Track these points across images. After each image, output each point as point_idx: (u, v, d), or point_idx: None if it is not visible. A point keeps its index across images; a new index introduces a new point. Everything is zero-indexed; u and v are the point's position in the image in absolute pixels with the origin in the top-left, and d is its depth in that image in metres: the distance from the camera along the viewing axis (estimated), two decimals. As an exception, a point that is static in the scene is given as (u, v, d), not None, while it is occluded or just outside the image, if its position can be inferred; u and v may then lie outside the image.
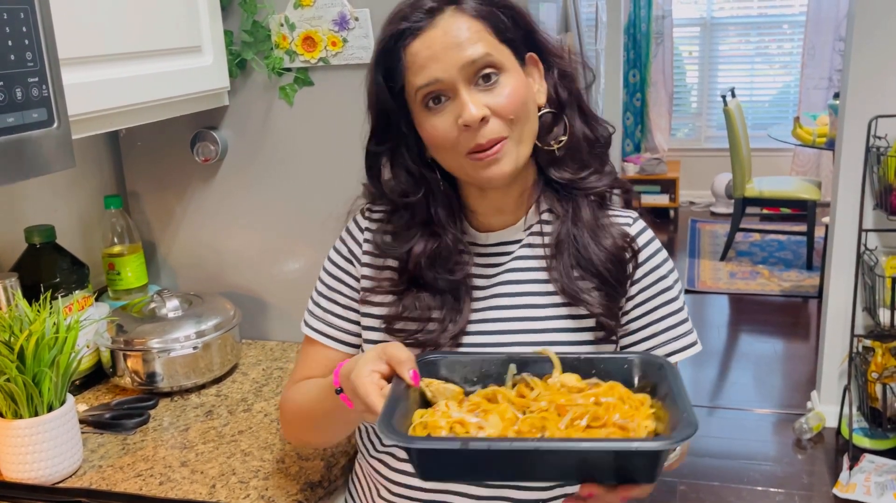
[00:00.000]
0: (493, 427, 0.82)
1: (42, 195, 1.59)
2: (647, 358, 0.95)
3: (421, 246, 1.04)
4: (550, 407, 0.85)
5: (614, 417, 0.83)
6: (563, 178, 1.05)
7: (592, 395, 0.87)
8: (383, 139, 1.04)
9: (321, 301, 1.15)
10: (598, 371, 0.94)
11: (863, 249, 2.86)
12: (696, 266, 5.21)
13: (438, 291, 1.05)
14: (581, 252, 1.03)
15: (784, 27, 6.46)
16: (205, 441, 1.32)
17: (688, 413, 0.80)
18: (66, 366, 1.20)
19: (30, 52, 0.96)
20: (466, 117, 0.95)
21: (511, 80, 0.98)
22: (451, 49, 0.95)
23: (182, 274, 1.75)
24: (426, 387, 0.91)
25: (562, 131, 1.04)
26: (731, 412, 3.44)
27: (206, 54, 1.47)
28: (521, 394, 0.91)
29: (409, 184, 1.04)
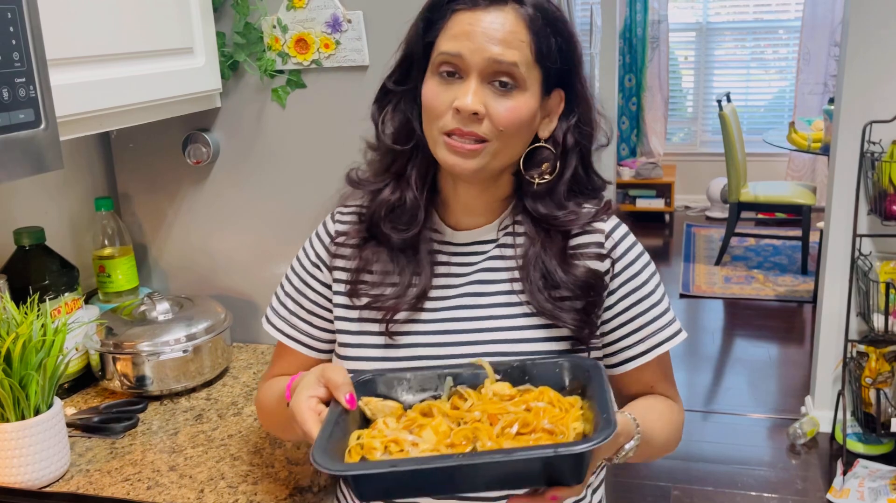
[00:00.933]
0: (427, 442, 0.86)
1: (32, 196, 1.58)
2: (576, 361, 0.98)
3: (386, 194, 1.06)
4: (483, 416, 0.89)
5: (543, 422, 0.87)
6: (537, 212, 1.05)
7: (523, 402, 0.91)
8: (400, 81, 1.06)
9: (287, 302, 1.16)
10: (531, 377, 0.97)
11: (857, 254, 2.86)
12: (691, 270, 5.21)
13: (394, 251, 1.07)
14: (551, 275, 1.04)
15: (779, 32, 6.47)
16: (194, 445, 1.31)
17: (607, 414, 0.83)
18: (54, 369, 1.19)
19: (17, 52, 0.95)
20: (462, 103, 0.96)
21: (522, 99, 0.98)
22: (489, 40, 0.96)
23: (173, 276, 1.74)
24: (364, 406, 0.94)
25: (549, 170, 1.04)
26: (726, 417, 3.44)
27: (197, 56, 1.46)
28: (456, 405, 0.94)
29: (402, 132, 1.06)
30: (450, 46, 0.97)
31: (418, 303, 1.06)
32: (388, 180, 1.07)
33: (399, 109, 1.06)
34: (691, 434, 3.29)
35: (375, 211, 1.07)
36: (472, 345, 1.04)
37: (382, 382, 0.99)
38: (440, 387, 0.98)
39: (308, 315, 1.15)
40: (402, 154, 1.06)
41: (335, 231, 1.13)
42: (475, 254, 1.09)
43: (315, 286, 1.13)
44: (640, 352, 1.09)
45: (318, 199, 1.54)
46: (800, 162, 6.22)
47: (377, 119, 1.08)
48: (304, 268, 1.15)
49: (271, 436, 1.32)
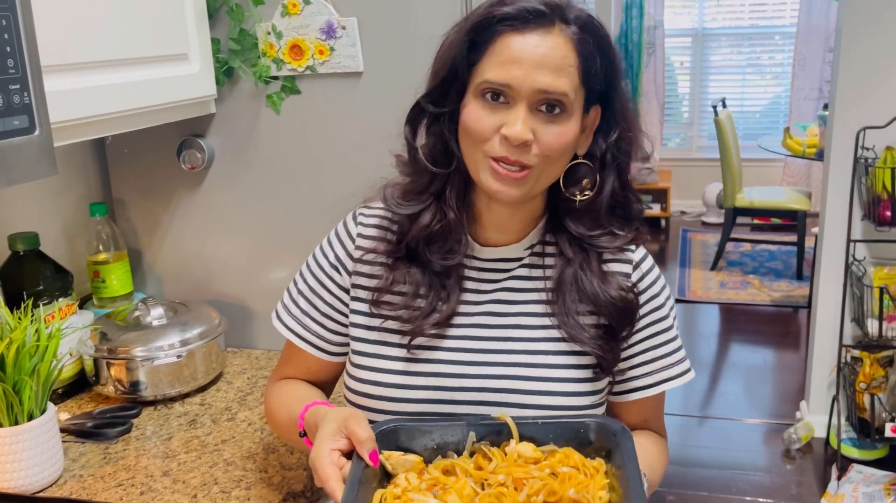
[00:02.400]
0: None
1: (27, 202, 1.58)
2: (604, 423, 0.97)
3: (427, 217, 1.04)
4: (508, 480, 0.89)
5: (569, 492, 0.86)
6: (576, 232, 1.04)
7: (548, 466, 0.91)
8: (438, 102, 1.02)
9: (300, 300, 1.14)
10: (555, 436, 0.97)
11: (851, 260, 2.87)
12: (687, 275, 5.22)
13: (429, 271, 1.05)
14: (590, 296, 1.03)
15: (775, 38, 6.49)
16: (187, 450, 1.31)
17: (639, 490, 0.83)
18: (47, 374, 1.19)
19: (11, 59, 0.95)
20: (512, 133, 0.94)
21: (569, 124, 0.97)
22: (539, 67, 0.93)
23: (168, 282, 1.74)
24: (386, 461, 0.94)
25: (590, 186, 1.03)
26: (721, 422, 3.44)
27: (192, 62, 1.47)
28: (479, 465, 0.94)
29: (440, 154, 1.03)
30: (497, 75, 0.94)
31: (443, 325, 1.04)
32: (427, 202, 1.04)
33: (434, 130, 1.03)
34: (687, 439, 3.30)
35: (417, 236, 1.04)
36: (494, 367, 1.04)
37: (404, 432, 0.98)
38: (462, 440, 0.97)
39: (321, 317, 1.13)
40: (441, 175, 1.04)
41: (358, 234, 1.11)
42: (499, 272, 1.08)
43: (332, 288, 1.11)
44: (647, 385, 1.10)
45: (313, 205, 1.56)
46: (795, 167, 6.23)
47: (411, 139, 1.05)
48: (322, 269, 1.12)
49: (265, 442, 1.33)
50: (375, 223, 1.10)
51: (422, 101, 1.03)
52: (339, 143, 1.55)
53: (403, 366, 1.05)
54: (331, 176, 1.56)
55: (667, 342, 1.09)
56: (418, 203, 1.05)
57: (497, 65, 0.94)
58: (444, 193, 1.04)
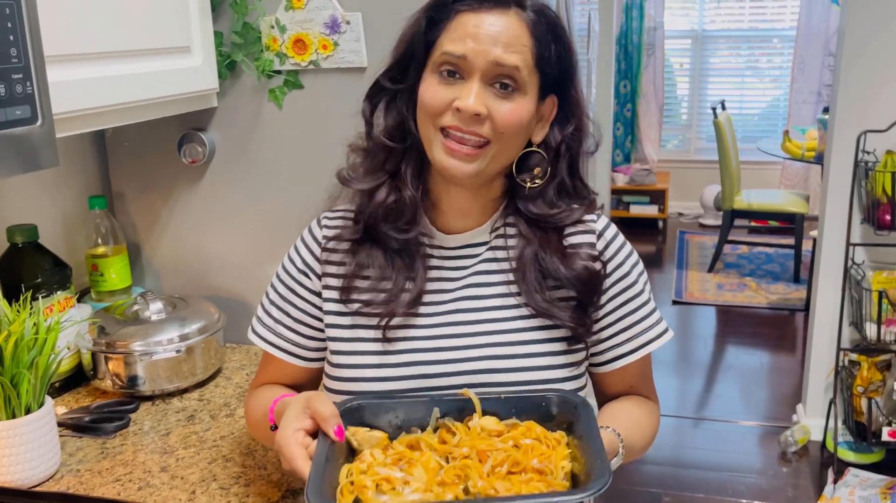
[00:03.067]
0: (418, 480, 0.87)
1: (25, 194, 1.57)
2: (564, 396, 0.99)
3: (382, 194, 1.05)
4: (472, 453, 0.90)
5: (532, 462, 0.88)
6: (530, 212, 1.06)
7: (511, 438, 0.92)
8: (397, 78, 1.04)
9: (272, 310, 1.14)
10: (517, 410, 0.98)
11: (850, 263, 2.87)
12: (684, 277, 5.21)
13: (390, 251, 1.06)
14: (552, 273, 1.04)
15: (774, 41, 6.49)
16: (186, 446, 1.30)
17: (601, 461, 0.85)
18: (46, 367, 1.18)
19: (14, 48, 0.94)
20: (464, 104, 0.96)
21: (522, 102, 0.99)
22: (493, 42, 0.96)
23: (167, 276, 1.73)
24: (351, 437, 0.94)
25: (541, 174, 1.05)
26: (717, 424, 3.44)
27: (195, 55, 1.45)
28: (443, 439, 0.95)
29: (397, 130, 1.05)
30: (454, 47, 0.97)
31: (413, 307, 1.05)
32: (383, 179, 1.06)
33: (393, 107, 1.05)
34: (682, 440, 3.29)
35: (373, 212, 1.05)
36: (470, 349, 1.04)
37: (369, 410, 0.99)
38: (426, 416, 0.98)
39: (294, 323, 1.13)
40: (396, 152, 1.05)
41: (323, 236, 1.11)
42: (467, 258, 1.08)
43: (302, 293, 1.12)
44: (628, 352, 1.11)
45: (314, 201, 1.54)
46: (793, 171, 6.24)
47: (369, 116, 1.07)
48: (291, 276, 1.13)
49: (257, 443, 1.32)
50: (339, 224, 1.11)
51: (381, 79, 1.06)
52: (342, 139, 1.53)
53: (380, 348, 1.05)
54: (332, 172, 1.55)
55: (639, 307, 1.10)
56: (374, 179, 1.06)
57: (455, 38, 0.97)
58: (399, 172, 1.05)
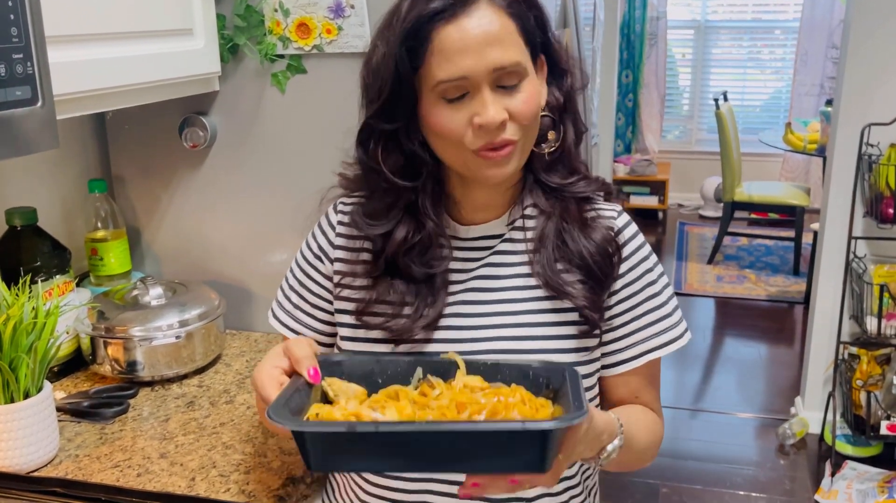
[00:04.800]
0: (390, 417, 0.83)
1: (25, 177, 1.55)
2: (551, 365, 0.94)
3: (402, 232, 1.01)
4: (451, 404, 0.85)
5: (513, 414, 0.83)
6: (554, 183, 1.04)
7: (494, 395, 0.88)
8: (391, 118, 0.97)
9: (291, 295, 1.14)
10: (503, 376, 0.93)
11: (852, 257, 2.86)
12: (684, 269, 5.21)
13: (413, 280, 1.02)
14: (569, 245, 1.02)
15: (777, 33, 6.47)
16: (185, 432, 1.29)
17: (579, 401, 0.80)
18: (44, 352, 1.17)
19: (15, 27, 0.93)
20: (486, 119, 0.92)
21: (530, 85, 0.96)
22: (485, 47, 0.91)
23: (166, 261, 1.72)
24: (328, 387, 0.91)
25: (556, 137, 1.03)
26: (715, 415, 3.44)
27: (197, 38, 1.44)
28: (424, 393, 0.90)
29: (403, 167, 1.00)
30: (448, 72, 0.91)
31: (431, 326, 1.02)
32: (399, 217, 1.01)
33: (392, 147, 0.99)
34: (680, 431, 3.29)
35: (394, 252, 1.01)
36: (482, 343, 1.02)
37: (348, 365, 0.95)
38: (409, 377, 0.94)
39: (312, 308, 1.12)
40: (408, 188, 1.00)
41: (338, 222, 1.10)
42: (481, 250, 1.06)
43: (318, 279, 1.11)
44: (639, 353, 1.08)
45: (316, 187, 1.52)
46: (794, 163, 6.22)
47: (365, 159, 1.01)
48: (307, 261, 1.12)
49: (264, 426, 1.31)
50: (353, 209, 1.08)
51: (372, 122, 0.98)
52: (345, 125, 1.51)
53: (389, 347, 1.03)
54: (335, 158, 1.53)
55: (656, 308, 1.07)
56: (388, 221, 1.02)
57: (444, 62, 0.91)
58: (417, 205, 1.01)
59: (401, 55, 0.92)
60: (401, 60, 0.92)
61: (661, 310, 1.08)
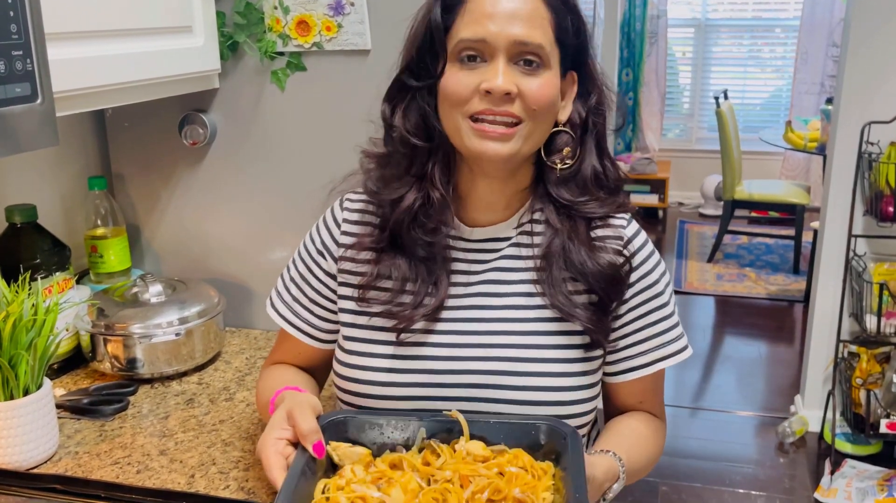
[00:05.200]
0: (395, 501, 0.85)
1: (24, 174, 1.55)
2: (555, 425, 0.96)
3: (410, 199, 1.01)
4: (454, 477, 0.88)
5: (514, 491, 0.86)
6: (563, 199, 1.03)
7: (496, 465, 0.90)
8: (419, 75, 1.00)
9: (291, 287, 1.14)
10: (506, 436, 0.95)
11: (851, 255, 2.86)
12: (684, 267, 5.21)
13: (415, 259, 1.03)
14: (576, 266, 1.01)
15: (777, 31, 6.46)
16: (185, 429, 1.30)
17: (581, 494, 0.82)
18: (44, 349, 1.17)
19: (14, 24, 0.93)
20: (493, 84, 0.93)
21: (549, 77, 0.96)
22: (512, 19, 0.93)
23: (166, 259, 1.72)
24: (332, 452, 0.93)
25: (570, 154, 1.02)
26: (714, 414, 3.44)
27: (197, 35, 1.44)
28: (427, 460, 0.93)
29: (420, 130, 1.01)
30: (471, 32, 0.94)
31: (435, 313, 1.03)
32: (410, 184, 1.02)
33: (413, 106, 1.01)
34: (679, 429, 3.29)
35: (400, 219, 1.02)
36: (485, 349, 1.02)
37: (353, 425, 0.97)
38: (413, 436, 0.96)
39: (310, 303, 1.12)
40: (422, 152, 1.01)
41: (343, 219, 1.10)
42: (489, 252, 1.06)
43: (318, 275, 1.11)
44: (644, 364, 1.08)
45: (316, 184, 1.52)
46: (794, 161, 6.22)
47: (389, 117, 1.03)
48: (310, 255, 1.12)
49: (264, 423, 1.31)
50: (360, 208, 1.09)
51: (403, 77, 1.01)
52: (345, 122, 1.53)
53: (393, 352, 1.04)
54: (335, 155, 1.53)
55: (663, 319, 1.07)
56: (400, 186, 1.02)
57: (471, 22, 0.94)
58: (426, 173, 1.02)
59: (434, 11, 0.96)
60: (433, 16, 0.96)
61: (668, 320, 1.08)
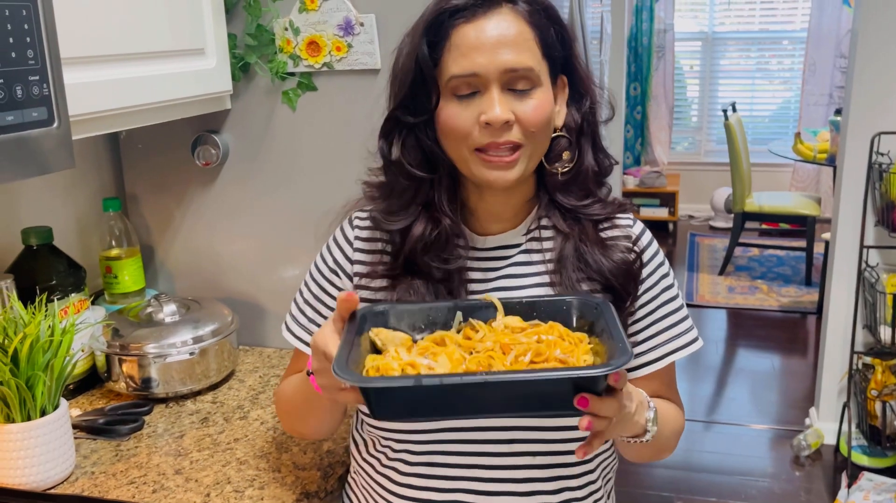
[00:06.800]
0: (442, 367, 0.86)
1: (40, 196, 1.57)
2: (584, 299, 0.98)
3: (420, 228, 1.02)
4: (495, 346, 0.89)
5: (555, 352, 0.88)
6: (568, 204, 1.05)
7: (534, 334, 0.91)
8: (412, 111, 1.00)
9: (306, 309, 1.14)
10: (539, 313, 0.97)
11: (864, 266, 2.85)
12: (695, 280, 5.20)
13: (432, 280, 1.04)
14: (591, 265, 1.04)
15: (784, 43, 6.47)
16: (200, 448, 1.30)
17: (622, 343, 0.84)
18: (61, 369, 1.18)
19: (31, 49, 0.94)
20: (491, 116, 0.94)
21: (541, 95, 0.98)
22: (499, 47, 0.94)
23: (180, 278, 1.73)
24: (375, 337, 0.93)
25: (570, 158, 1.04)
26: (729, 427, 3.42)
27: (209, 57, 1.45)
28: (468, 336, 0.94)
29: (421, 161, 1.02)
30: (461, 68, 0.95)
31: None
32: (417, 213, 1.03)
33: (412, 140, 1.02)
34: (693, 443, 3.28)
35: (413, 248, 1.03)
36: None
37: (393, 314, 0.97)
38: (450, 320, 0.97)
39: None
40: (427, 182, 1.03)
41: (354, 237, 1.10)
42: (500, 259, 1.08)
43: (334, 293, 1.11)
44: (658, 357, 1.09)
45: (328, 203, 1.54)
46: (804, 173, 6.21)
47: (387, 153, 1.04)
48: (323, 275, 1.12)
49: (278, 441, 1.31)
50: (370, 225, 1.10)
51: (398, 113, 1.02)
52: (355, 141, 1.54)
53: None
54: (346, 174, 1.54)
55: (674, 311, 1.09)
56: (407, 216, 1.04)
57: (459, 57, 0.95)
58: (433, 201, 1.03)
59: (421, 48, 0.97)
60: (421, 54, 0.97)
61: (678, 313, 1.10)
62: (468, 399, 0.83)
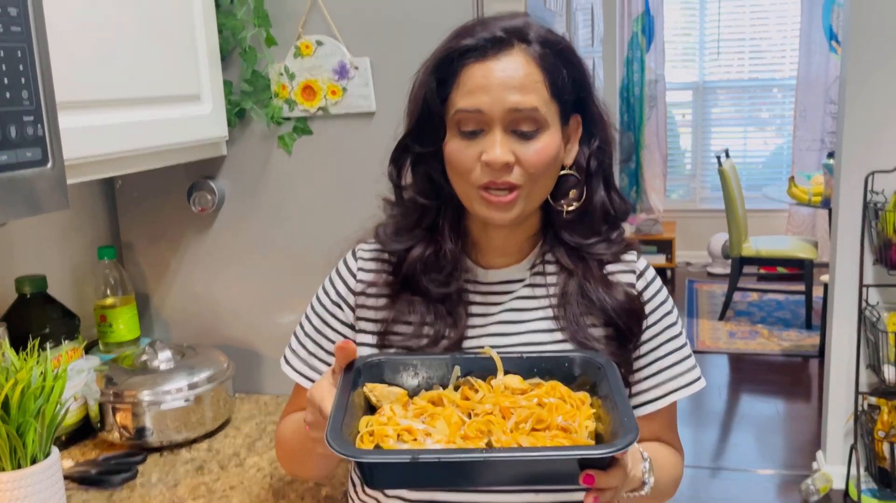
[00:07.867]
0: (440, 433, 0.84)
1: (35, 245, 1.56)
2: (587, 357, 0.97)
3: (420, 250, 1.04)
4: (495, 409, 0.87)
5: (557, 419, 0.86)
6: (573, 241, 1.05)
7: (535, 396, 0.90)
8: (420, 141, 1.02)
9: (307, 342, 1.13)
10: (540, 370, 0.96)
11: (864, 305, 2.84)
12: (695, 326, 5.17)
13: (431, 300, 1.04)
14: (595, 303, 1.03)
15: (774, 91, 6.56)
16: (194, 497, 1.27)
17: (628, 416, 0.82)
18: (52, 416, 1.15)
19: (26, 90, 0.95)
20: (491, 157, 0.95)
21: (547, 138, 0.98)
22: (505, 89, 0.95)
23: (175, 326, 1.71)
24: (370, 393, 0.92)
25: (577, 197, 1.04)
26: (735, 473, 3.36)
27: (204, 103, 1.46)
28: (466, 395, 0.92)
29: (428, 190, 1.04)
30: (467, 103, 0.96)
31: (455, 347, 1.03)
32: (420, 237, 1.05)
33: (420, 168, 1.05)
34: (700, 491, 3.21)
35: (413, 266, 1.04)
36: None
37: (389, 367, 0.97)
38: (447, 375, 0.96)
39: (328, 356, 1.11)
40: (432, 208, 1.05)
41: (358, 268, 1.10)
42: (503, 294, 1.07)
43: (336, 326, 1.10)
44: (661, 395, 1.08)
45: (324, 248, 1.53)
46: (800, 217, 6.23)
47: (396, 178, 1.07)
48: (325, 308, 1.11)
49: (275, 488, 1.28)
50: (373, 257, 1.10)
51: (407, 141, 1.04)
52: (352, 184, 1.54)
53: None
54: (342, 217, 1.54)
55: (678, 349, 1.08)
56: (410, 238, 1.05)
57: (465, 94, 0.97)
58: (437, 227, 1.05)
59: (430, 84, 0.98)
60: (429, 89, 0.98)
61: (681, 351, 1.09)
62: (467, 474, 0.82)
